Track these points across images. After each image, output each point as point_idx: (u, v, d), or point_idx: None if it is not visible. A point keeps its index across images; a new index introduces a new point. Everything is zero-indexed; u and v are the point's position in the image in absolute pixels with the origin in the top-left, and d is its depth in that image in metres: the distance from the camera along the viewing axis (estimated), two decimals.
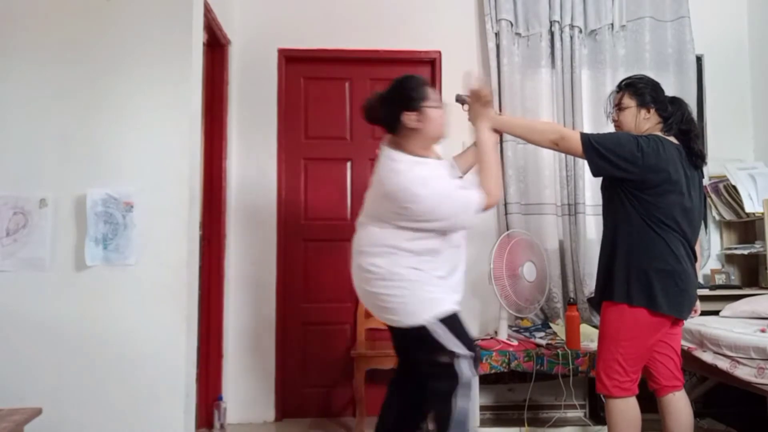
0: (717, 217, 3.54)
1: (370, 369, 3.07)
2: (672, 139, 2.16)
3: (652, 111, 2.19)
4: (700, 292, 2.37)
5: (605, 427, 2.90)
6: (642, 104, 2.20)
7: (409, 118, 1.99)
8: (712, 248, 3.54)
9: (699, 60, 3.62)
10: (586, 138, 2.10)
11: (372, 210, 2.07)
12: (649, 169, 2.05)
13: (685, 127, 2.17)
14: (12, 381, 2.20)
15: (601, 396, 2.30)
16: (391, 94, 2.05)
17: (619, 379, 2.11)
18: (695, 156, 2.15)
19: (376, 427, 2.20)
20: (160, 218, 2.28)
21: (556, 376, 2.86)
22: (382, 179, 2.01)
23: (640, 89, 2.22)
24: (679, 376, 2.23)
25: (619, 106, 2.25)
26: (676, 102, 2.22)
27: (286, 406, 3.39)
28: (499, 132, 2.22)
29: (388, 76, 3.58)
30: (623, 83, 2.28)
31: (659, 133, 2.17)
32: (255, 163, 3.43)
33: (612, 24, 3.51)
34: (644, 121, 2.20)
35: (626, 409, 2.11)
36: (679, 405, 2.19)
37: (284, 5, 3.51)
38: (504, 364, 2.81)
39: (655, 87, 2.22)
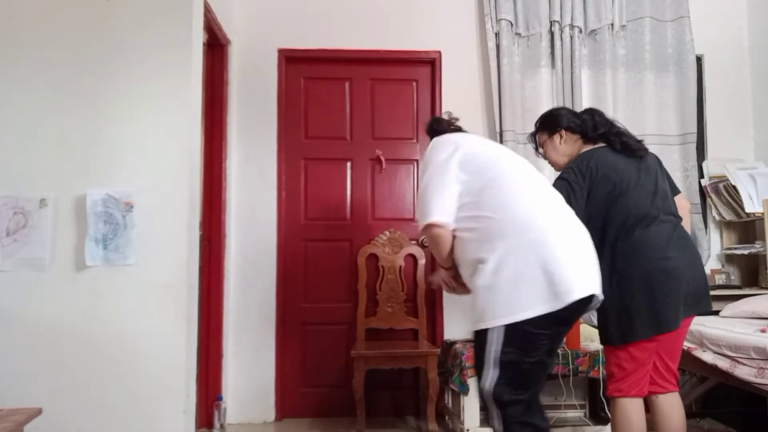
0: (717, 217, 3.54)
1: (370, 369, 3.07)
2: (599, 145, 2.19)
3: (564, 133, 2.25)
4: None
5: (605, 427, 2.92)
6: (552, 132, 2.28)
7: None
8: (712, 248, 3.54)
9: (699, 60, 3.62)
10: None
11: None
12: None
13: (601, 131, 2.18)
14: (12, 381, 2.20)
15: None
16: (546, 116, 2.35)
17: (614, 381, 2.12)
18: (628, 150, 2.15)
19: None
20: (160, 218, 2.28)
21: (556, 376, 2.86)
22: None
23: (544, 122, 2.33)
24: (664, 379, 2.16)
25: (539, 146, 2.37)
26: (587, 112, 2.28)
27: (286, 406, 3.40)
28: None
29: (388, 76, 3.62)
30: (535, 124, 2.39)
31: (586, 149, 2.20)
32: (255, 163, 3.43)
33: (612, 24, 3.51)
34: (564, 146, 2.27)
35: (623, 410, 2.10)
36: (663, 408, 2.15)
37: (284, 5, 3.51)
38: None
39: (556, 112, 2.33)
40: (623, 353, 2.07)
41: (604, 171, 2.09)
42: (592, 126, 2.19)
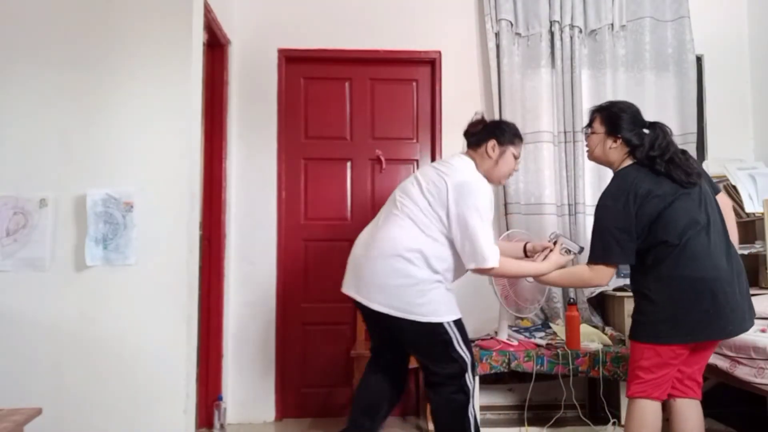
0: None
1: None
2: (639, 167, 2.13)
3: (619, 141, 2.16)
4: None
5: (605, 427, 2.91)
6: (609, 133, 2.18)
7: (491, 145, 2.30)
8: None
9: (699, 60, 3.62)
10: (599, 257, 2.11)
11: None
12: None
13: (654, 153, 2.08)
14: (12, 381, 2.20)
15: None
16: (493, 122, 2.46)
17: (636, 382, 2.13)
18: (670, 179, 2.06)
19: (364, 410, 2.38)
20: (160, 218, 2.28)
21: (556, 376, 2.86)
22: (449, 170, 2.23)
23: (609, 118, 2.20)
24: (685, 385, 2.17)
25: (590, 129, 2.26)
26: (655, 128, 2.14)
27: (286, 406, 3.40)
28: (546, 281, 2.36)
29: (388, 76, 3.62)
30: (599, 106, 2.28)
31: (627, 163, 2.15)
32: (255, 163, 3.43)
33: (612, 24, 3.51)
34: (612, 151, 2.19)
35: (641, 410, 2.09)
36: (681, 411, 2.16)
37: (284, 5, 3.51)
38: (504, 364, 2.81)
39: (626, 116, 2.17)
40: (650, 352, 2.06)
41: (646, 188, 2.04)
42: (649, 146, 2.09)
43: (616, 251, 2.07)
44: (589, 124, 2.28)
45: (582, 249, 2.35)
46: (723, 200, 2.23)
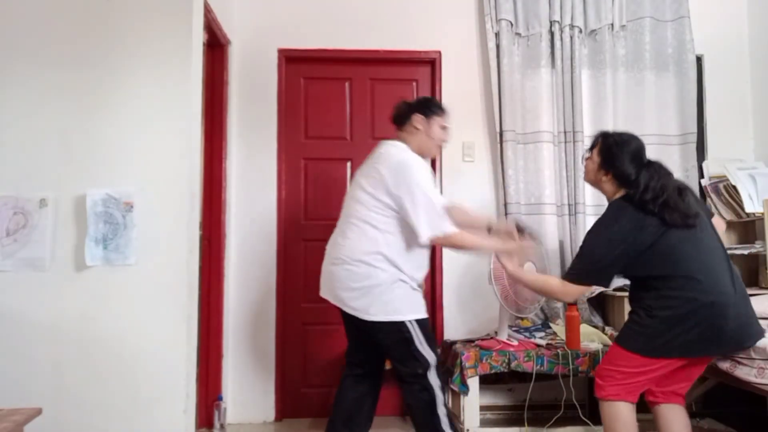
0: None
1: None
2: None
3: (610, 175, 2.16)
4: None
5: None
6: (602, 165, 2.18)
7: (416, 119, 2.36)
8: None
9: (699, 60, 3.62)
10: (574, 278, 2.15)
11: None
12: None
13: (646, 196, 2.05)
14: (12, 381, 2.20)
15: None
16: (416, 99, 2.50)
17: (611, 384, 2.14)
18: (663, 220, 2.04)
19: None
20: (160, 218, 2.28)
21: (556, 376, 2.86)
22: (380, 159, 2.28)
23: (608, 149, 2.17)
24: (666, 395, 2.20)
25: (590, 153, 2.26)
26: (651, 170, 2.10)
27: (286, 406, 3.40)
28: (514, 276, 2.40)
29: (388, 76, 3.62)
30: (605, 132, 2.27)
31: (623, 194, 2.14)
32: (255, 163, 3.43)
33: (612, 24, 3.51)
34: (605, 185, 2.20)
35: (622, 414, 2.10)
36: (666, 415, 2.19)
37: (284, 5, 3.51)
38: (504, 364, 2.80)
39: (622, 154, 2.13)
40: (637, 362, 2.08)
41: (639, 222, 2.05)
42: (643, 189, 2.06)
43: (592, 277, 2.14)
44: (591, 148, 2.27)
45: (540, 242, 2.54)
46: (717, 223, 2.25)
